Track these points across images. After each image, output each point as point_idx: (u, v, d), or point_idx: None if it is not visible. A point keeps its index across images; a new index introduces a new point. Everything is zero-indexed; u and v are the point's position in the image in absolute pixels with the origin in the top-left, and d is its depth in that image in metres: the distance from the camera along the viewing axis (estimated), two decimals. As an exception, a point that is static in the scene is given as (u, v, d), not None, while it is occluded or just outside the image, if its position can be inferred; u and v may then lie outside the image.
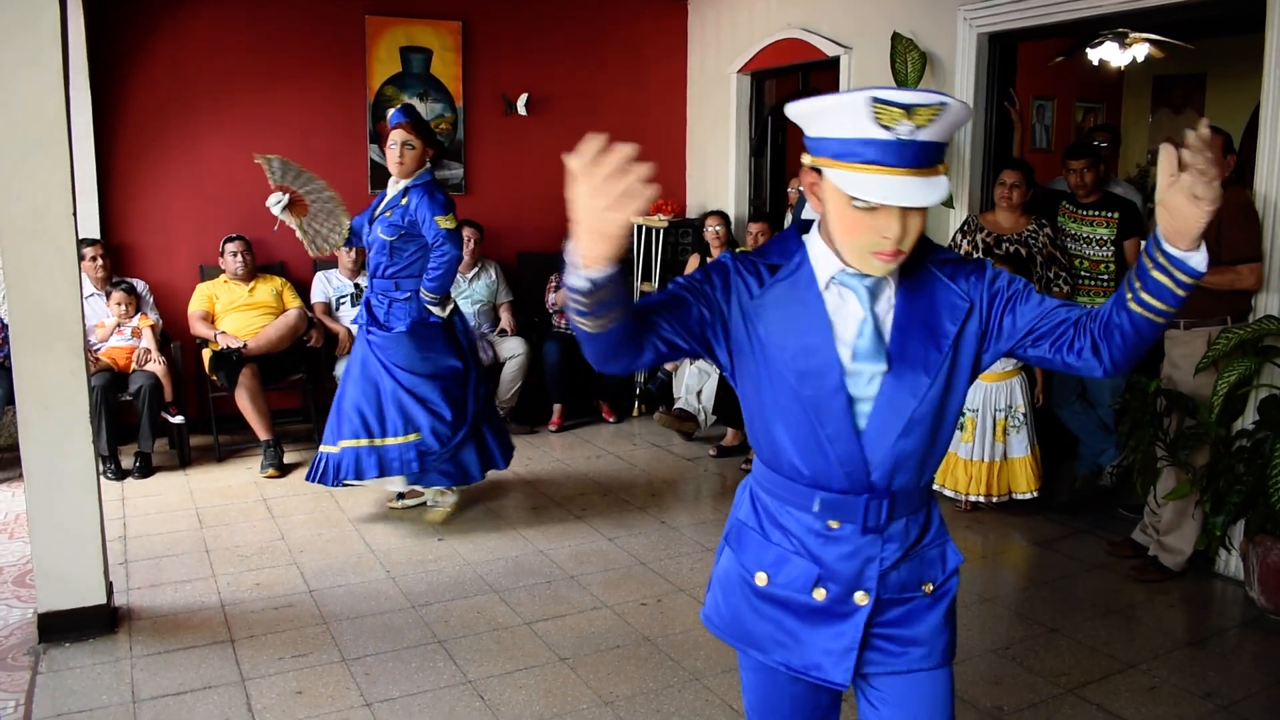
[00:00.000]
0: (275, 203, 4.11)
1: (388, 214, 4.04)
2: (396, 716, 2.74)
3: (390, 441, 4.05)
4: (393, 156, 4.01)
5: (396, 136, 4.00)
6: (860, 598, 1.53)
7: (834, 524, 1.51)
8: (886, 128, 1.31)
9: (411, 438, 4.06)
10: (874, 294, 1.46)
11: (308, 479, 4.15)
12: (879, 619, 1.55)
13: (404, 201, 4.01)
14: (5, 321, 4.32)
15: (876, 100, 1.30)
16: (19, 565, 3.76)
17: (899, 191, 1.32)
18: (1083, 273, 4.49)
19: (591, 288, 1.24)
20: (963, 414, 4.36)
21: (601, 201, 1.16)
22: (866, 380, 1.46)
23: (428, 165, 4.09)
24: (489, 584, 3.66)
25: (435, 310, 4.11)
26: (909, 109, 1.30)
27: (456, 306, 4.27)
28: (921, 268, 1.49)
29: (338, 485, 4.06)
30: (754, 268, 1.51)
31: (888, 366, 1.45)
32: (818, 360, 1.45)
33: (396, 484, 4.23)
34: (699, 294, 1.48)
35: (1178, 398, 3.63)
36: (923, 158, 1.33)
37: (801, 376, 1.46)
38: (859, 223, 1.38)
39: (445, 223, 4.00)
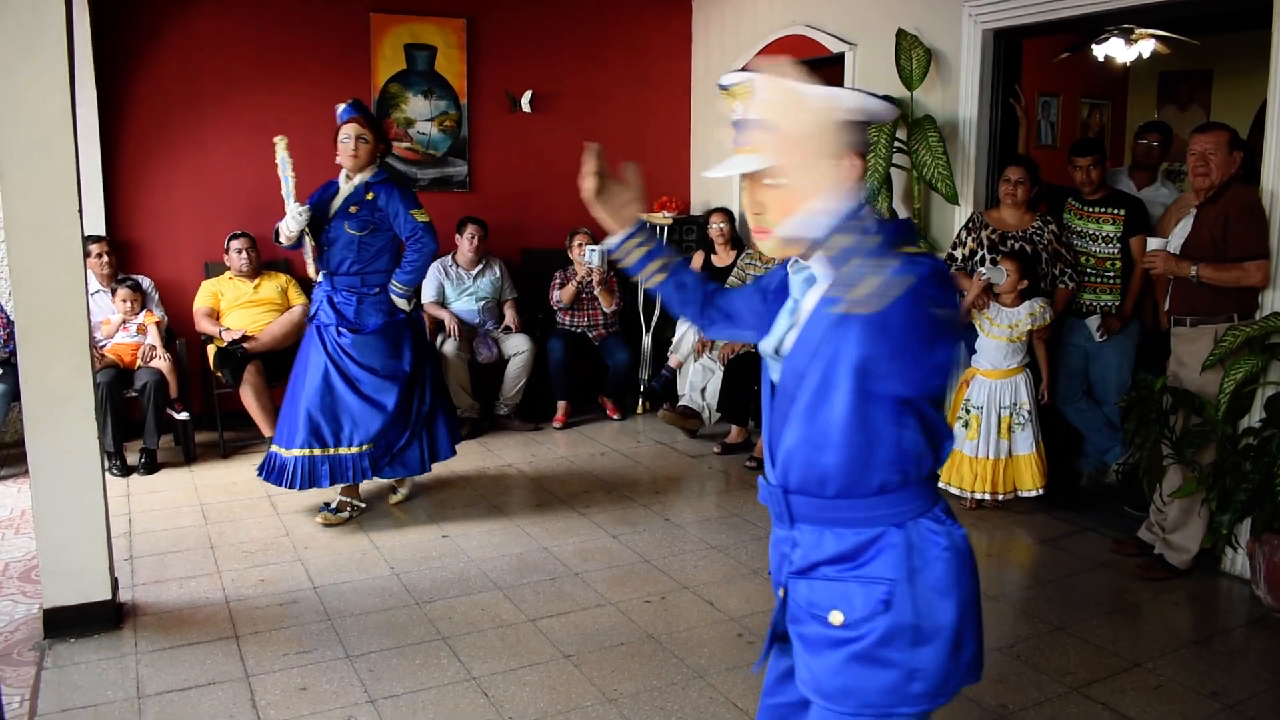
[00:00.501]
0: (303, 217, 3.98)
1: (352, 209, 4.02)
2: (400, 713, 2.74)
3: (344, 451, 4.03)
4: (346, 150, 3.98)
5: (350, 130, 3.98)
6: (782, 592, 1.53)
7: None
8: (732, 110, 1.43)
9: (365, 448, 4.05)
10: (811, 283, 1.47)
11: (260, 474, 4.11)
12: (800, 627, 1.49)
13: (369, 197, 4.01)
14: (11, 318, 4.32)
15: (719, 86, 1.45)
16: (24, 561, 3.78)
17: (720, 166, 1.43)
18: (1089, 270, 4.48)
19: (610, 250, 1.70)
20: (967, 411, 4.35)
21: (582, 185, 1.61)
22: (772, 366, 1.52)
23: (379, 160, 4.09)
24: (493, 581, 3.67)
25: (402, 304, 4.11)
26: (727, 89, 1.43)
27: (420, 302, 4.26)
28: None
29: (291, 489, 4.01)
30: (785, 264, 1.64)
31: (775, 353, 1.49)
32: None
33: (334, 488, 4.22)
34: (761, 289, 1.66)
35: (1184, 395, 3.62)
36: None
37: (760, 360, 1.59)
38: (744, 204, 1.49)
39: (421, 216, 4.02)
